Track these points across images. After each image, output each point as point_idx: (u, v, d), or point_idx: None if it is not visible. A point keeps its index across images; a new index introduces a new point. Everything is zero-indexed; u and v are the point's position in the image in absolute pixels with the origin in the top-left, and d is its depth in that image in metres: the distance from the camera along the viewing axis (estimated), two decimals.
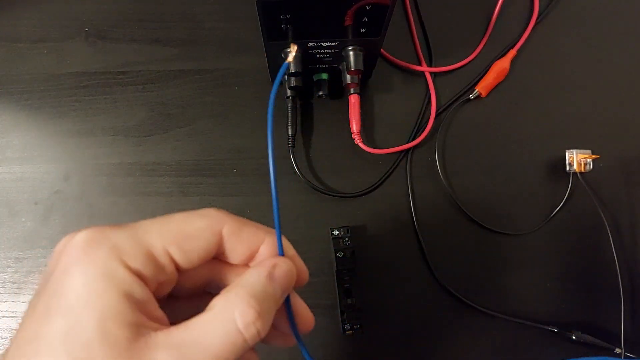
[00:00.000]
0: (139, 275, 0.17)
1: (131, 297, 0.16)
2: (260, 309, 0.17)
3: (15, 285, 0.37)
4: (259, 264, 0.19)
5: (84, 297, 0.15)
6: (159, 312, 0.17)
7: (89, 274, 0.16)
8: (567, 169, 0.42)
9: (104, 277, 0.16)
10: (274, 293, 0.18)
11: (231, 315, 0.17)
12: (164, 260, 0.17)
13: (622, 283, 0.40)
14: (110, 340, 0.15)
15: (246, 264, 0.20)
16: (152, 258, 0.17)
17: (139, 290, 0.16)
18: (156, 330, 0.16)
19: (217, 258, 0.20)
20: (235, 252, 0.19)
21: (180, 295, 0.20)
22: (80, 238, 0.17)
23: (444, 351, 0.39)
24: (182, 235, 0.18)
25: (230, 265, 0.20)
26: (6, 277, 0.38)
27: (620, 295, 0.39)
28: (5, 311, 0.37)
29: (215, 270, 0.20)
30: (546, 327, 0.39)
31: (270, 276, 0.18)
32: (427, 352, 0.38)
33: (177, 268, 0.18)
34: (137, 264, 0.17)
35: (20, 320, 0.17)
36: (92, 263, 0.16)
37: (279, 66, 0.37)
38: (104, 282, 0.16)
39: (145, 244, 0.17)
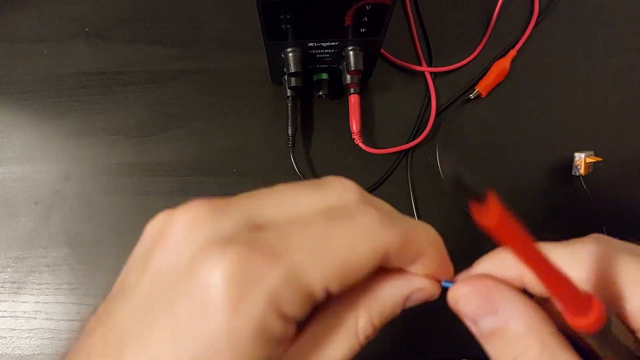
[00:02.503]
0: (292, 322, 0.14)
1: (277, 345, 0.14)
2: (380, 325, 0.17)
3: (15, 285, 0.37)
4: (406, 279, 0.17)
5: (223, 346, 0.13)
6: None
7: (238, 324, 0.13)
8: (573, 171, 0.41)
9: (255, 332, 0.13)
10: (397, 311, 0.17)
11: (354, 329, 0.16)
12: (320, 297, 0.15)
13: None
14: None
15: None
16: (310, 300, 0.14)
17: (289, 337, 0.15)
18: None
19: None
20: (388, 265, 0.17)
21: None
22: (230, 270, 0.13)
23: (445, 353, 0.39)
24: (346, 269, 0.15)
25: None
26: (6, 277, 0.38)
27: None
28: (5, 311, 0.37)
29: None
30: None
31: (407, 301, 0.17)
32: (427, 352, 0.38)
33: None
34: (294, 311, 0.14)
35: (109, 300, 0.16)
36: (246, 314, 0.13)
37: (279, 66, 0.37)
38: (254, 339, 0.13)
39: (306, 287, 0.14)
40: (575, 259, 0.16)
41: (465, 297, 0.17)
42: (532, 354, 0.15)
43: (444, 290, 0.18)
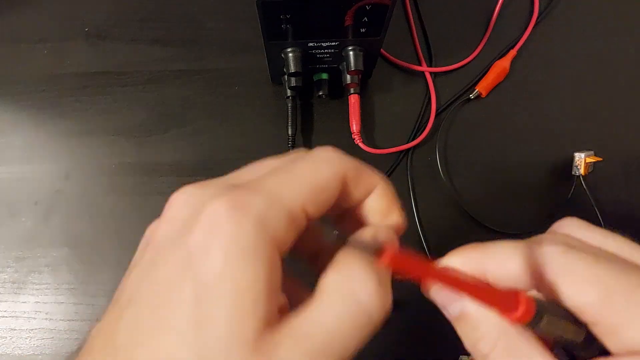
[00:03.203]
0: (279, 246, 0.15)
1: (270, 282, 0.15)
2: (379, 276, 0.16)
3: (15, 285, 0.37)
4: (370, 228, 0.19)
5: (224, 280, 0.14)
6: (283, 296, 0.16)
7: (232, 252, 0.14)
8: (573, 171, 0.41)
9: (248, 256, 0.14)
10: None
11: (350, 289, 0.15)
12: (301, 219, 0.16)
13: None
14: (242, 337, 0.14)
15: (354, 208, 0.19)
16: (293, 222, 0.16)
17: (278, 273, 0.15)
18: (279, 321, 0.15)
19: None
20: (349, 197, 0.18)
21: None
22: (221, 205, 0.15)
23: (445, 352, 0.39)
24: (316, 189, 0.16)
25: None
26: (6, 277, 0.38)
27: None
28: (5, 311, 0.37)
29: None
30: None
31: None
32: (427, 352, 0.38)
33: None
34: (282, 233, 0.15)
35: (125, 283, 0.16)
36: (237, 239, 0.14)
37: (279, 66, 0.37)
38: (248, 264, 0.14)
39: (287, 207, 0.15)
40: (527, 262, 0.17)
41: (435, 287, 0.19)
42: (490, 338, 0.17)
43: None
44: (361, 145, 0.39)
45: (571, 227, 0.18)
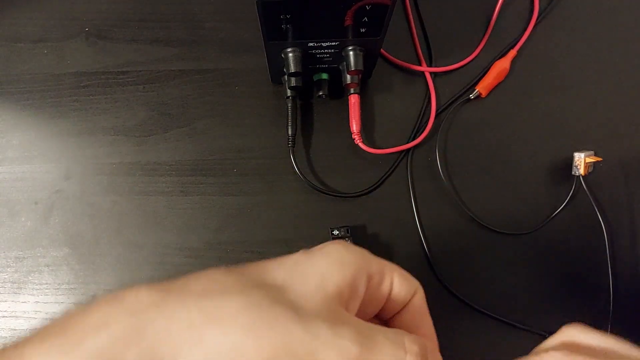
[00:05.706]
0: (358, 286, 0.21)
1: (355, 287, 0.21)
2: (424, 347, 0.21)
3: (15, 285, 0.37)
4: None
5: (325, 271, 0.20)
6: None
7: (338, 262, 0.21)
8: (573, 171, 0.41)
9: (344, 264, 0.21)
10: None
11: (402, 339, 0.21)
12: (386, 286, 0.23)
13: (612, 287, 0.40)
14: (330, 293, 0.20)
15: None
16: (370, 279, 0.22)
17: (362, 288, 0.21)
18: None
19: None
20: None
21: None
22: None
23: (443, 351, 0.39)
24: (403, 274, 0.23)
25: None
26: (6, 276, 0.38)
27: (610, 298, 0.40)
28: (5, 311, 0.37)
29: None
30: (541, 333, 0.39)
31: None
32: None
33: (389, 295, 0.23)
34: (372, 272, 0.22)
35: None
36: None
37: (279, 66, 0.37)
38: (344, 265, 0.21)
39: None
40: None
41: None
42: None
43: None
44: (361, 145, 0.39)
45: (573, 331, 0.23)
